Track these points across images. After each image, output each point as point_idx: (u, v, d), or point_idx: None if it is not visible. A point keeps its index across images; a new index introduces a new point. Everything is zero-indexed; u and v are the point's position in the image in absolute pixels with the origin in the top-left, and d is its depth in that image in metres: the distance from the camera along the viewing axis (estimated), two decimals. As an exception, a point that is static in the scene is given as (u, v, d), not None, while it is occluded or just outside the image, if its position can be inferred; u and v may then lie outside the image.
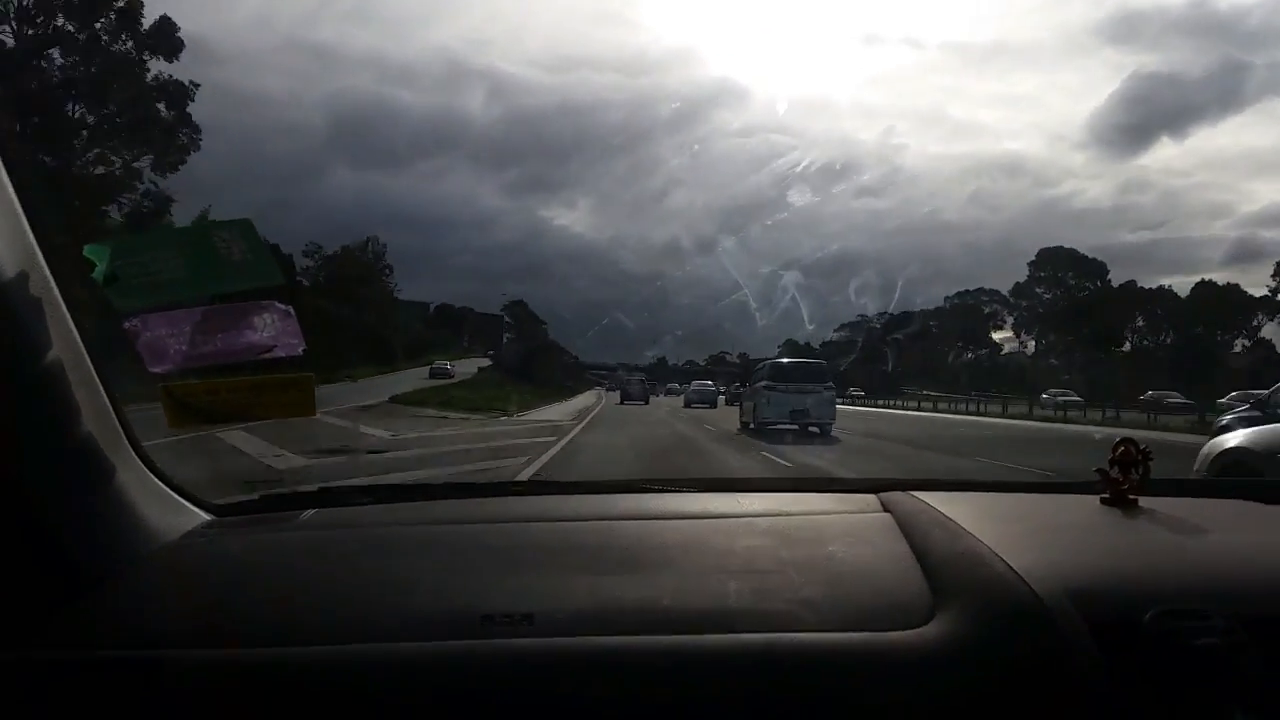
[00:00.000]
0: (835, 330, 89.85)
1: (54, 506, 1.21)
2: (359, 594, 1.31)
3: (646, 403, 42.56)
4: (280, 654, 1.17)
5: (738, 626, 1.19)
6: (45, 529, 1.21)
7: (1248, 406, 8.11)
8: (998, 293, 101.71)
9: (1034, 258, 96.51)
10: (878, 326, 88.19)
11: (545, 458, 14.53)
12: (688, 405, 36.84)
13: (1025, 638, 1.13)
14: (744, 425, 19.91)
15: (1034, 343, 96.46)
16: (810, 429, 18.25)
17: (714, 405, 35.71)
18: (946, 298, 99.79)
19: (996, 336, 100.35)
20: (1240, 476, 7.47)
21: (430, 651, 1.17)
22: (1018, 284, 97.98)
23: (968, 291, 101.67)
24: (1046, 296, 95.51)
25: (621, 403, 41.98)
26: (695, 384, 43.62)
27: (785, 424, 18.35)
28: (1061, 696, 1.08)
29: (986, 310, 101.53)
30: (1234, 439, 6.53)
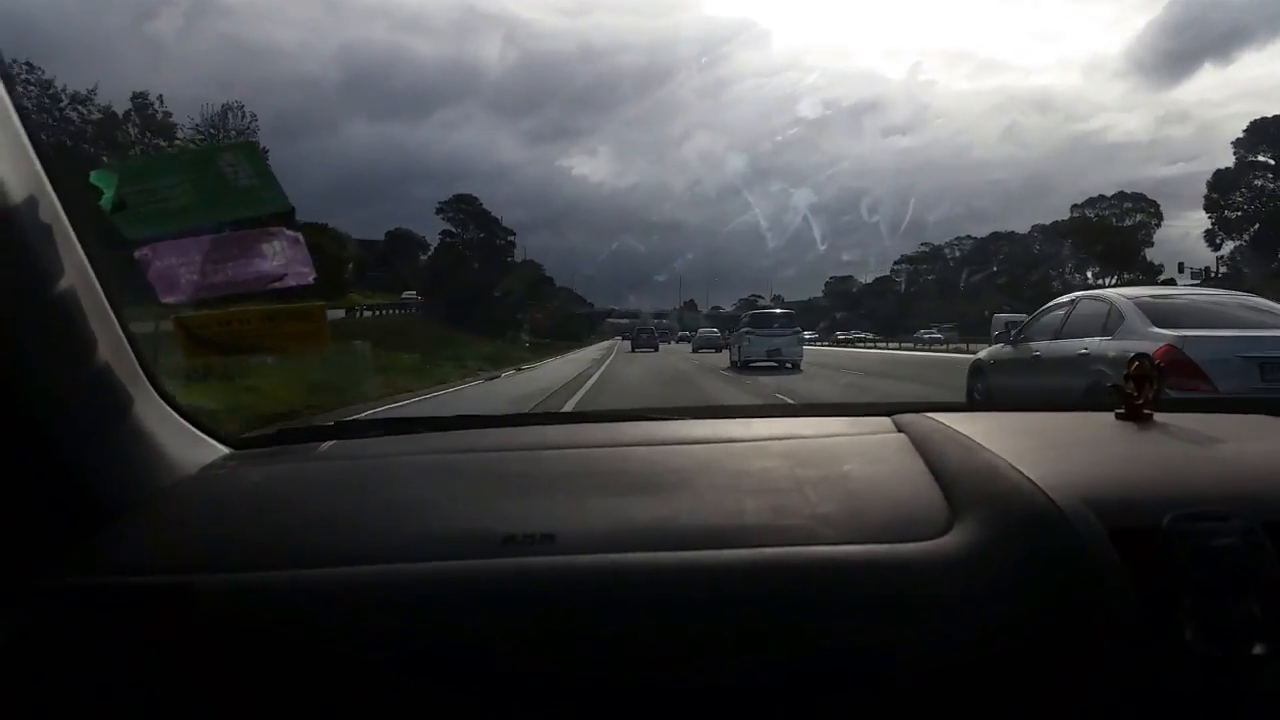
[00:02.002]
0: (895, 264, 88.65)
1: (72, 439, 1.22)
2: (380, 520, 1.32)
3: (656, 350, 43.82)
4: (305, 576, 1.19)
5: (755, 542, 1.20)
6: (63, 461, 1.21)
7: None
8: (1143, 198, 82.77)
9: (1243, 133, 70.68)
10: (955, 256, 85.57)
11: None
12: (695, 350, 40.08)
13: (1044, 542, 1.14)
14: (732, 363, 24.56)
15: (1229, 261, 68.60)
16: (785, 365, 22.70)
17: (719, 350, 37.77)
18: (1076, 206, 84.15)
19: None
20: (979, 378, 10.24)
21: (454, 570, 1.18)
22: (1218, 172, 72.68)
23: (1103, 198, 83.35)
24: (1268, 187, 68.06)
25: (633, 350, 43.15)
26: (702, 331, 47.32)
27: (763, 361, 22.91)
28: (1081, 598, 1.08)
29: (1129, 222, 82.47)
30: (981, 353, 10.69)
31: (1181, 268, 66.27)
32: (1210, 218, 73.82)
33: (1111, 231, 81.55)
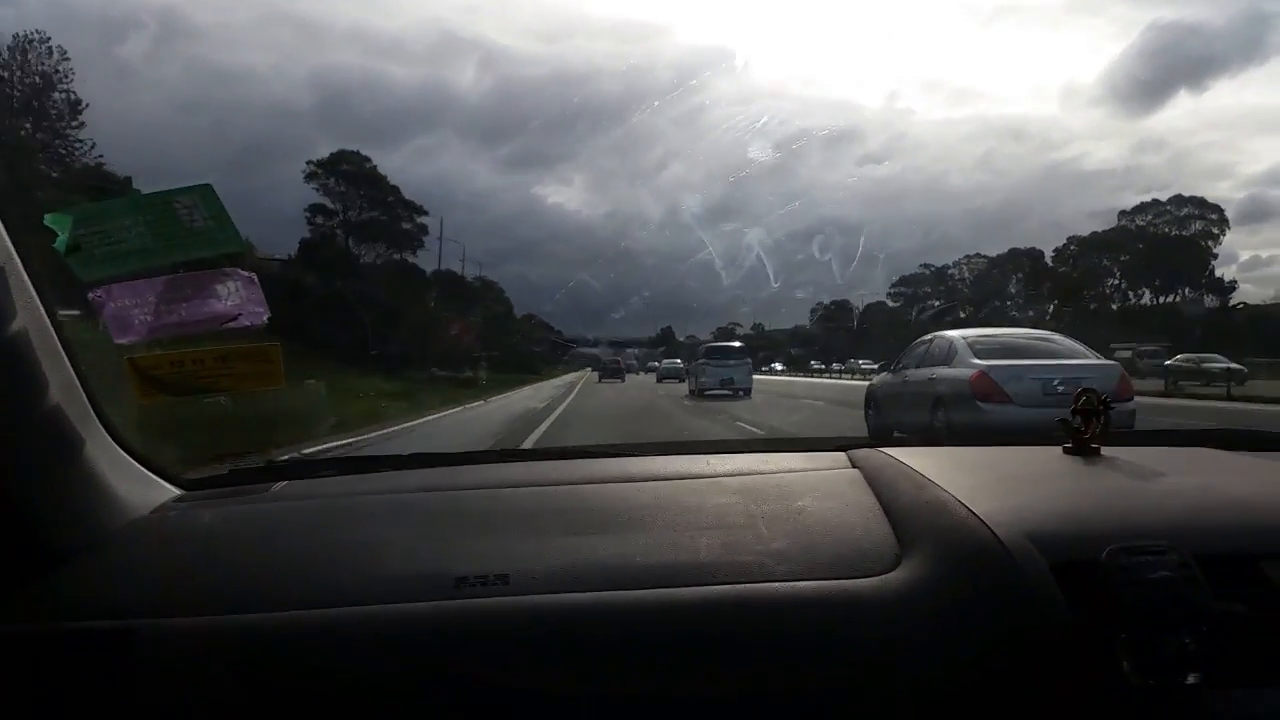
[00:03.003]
0: (892, 287, 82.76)
1: (21, 481, 1.20)
2: (331, 561, 1.31)
3: (623, 380, 43.81)
4: (255, 620, 1.18)
5: (710, 579, 1.21)
6: (12, 503, 1.20)
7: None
8: (1204, 202, 72.20)
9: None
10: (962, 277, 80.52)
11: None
12: (659, 380, 41.14)
13: (988, 578, 1.16)
14: (690, 391, 26.81)
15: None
16: (738, 392, 25.01)
17: (682, 380, 38.37)
18: (1124, 213, 74.82)
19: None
20: (871, 399, 12.20)
21: (404, 613, 1.18)
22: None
23: (1156, 202, 73.13)
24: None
25: (599, 381, 42.95)
26: (665, 362, 48.52)
27: (717, 389, 25.13)
28: (1023, 633, 1.11)
29: (1187, 232, 72.21)
30: (874, 380, 12.80)
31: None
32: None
33: (1168, 242, 72.39)
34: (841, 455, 1.74)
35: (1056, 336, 10.83)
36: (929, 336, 11.17)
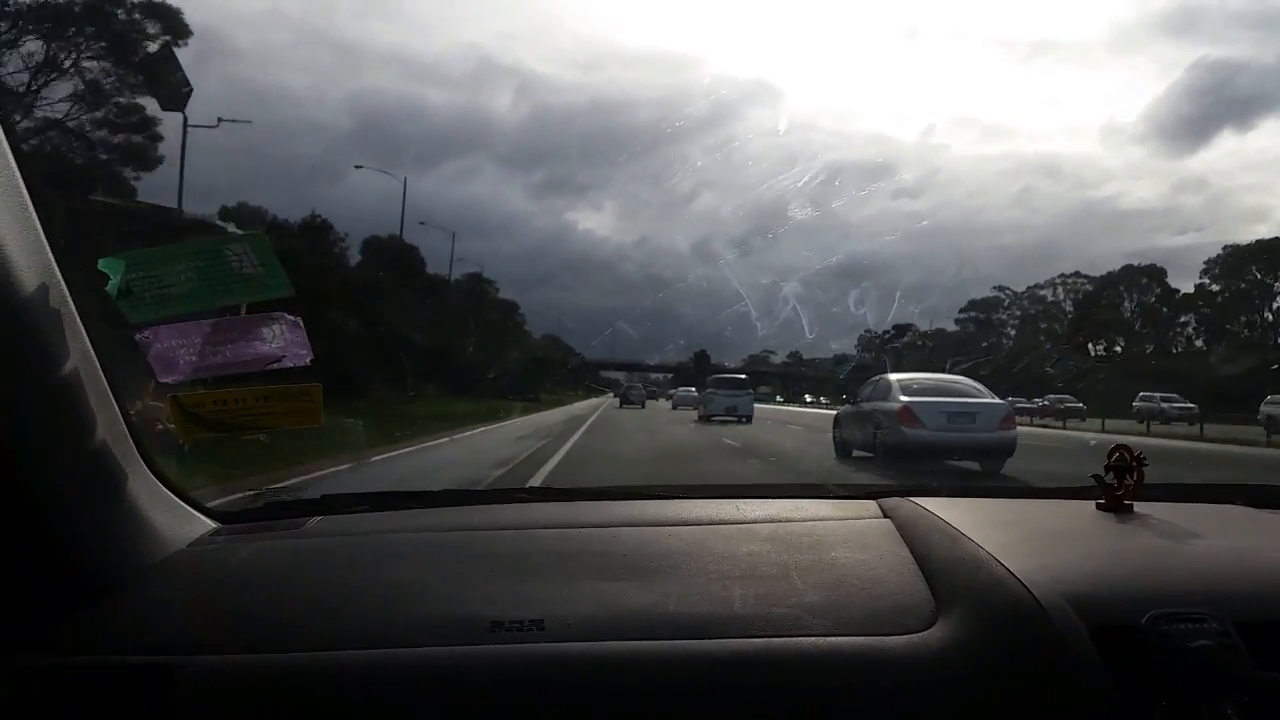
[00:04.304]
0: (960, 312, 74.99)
1: (67, 515, 1.23)
2: (367, 601, 1.32)
3: (643, 406, 43.91)
4: (291, 660, 1.19)
5: (744, 631, 1.22)
6: (58, 537, 1.22)
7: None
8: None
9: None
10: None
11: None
12: (674, 408, 42.37)
13: (1026, 640, 1.16)
14: (700, 417, 29.36)
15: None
16: (741, 418, 27.65)
17: (695, 407, 38.66)
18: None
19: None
20: (836, 424, 15.43)
21: (442, 657, 1.19)
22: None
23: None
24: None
25: (620, 407, 42.96)
26: (679, 391, 48.05)
27: (723, 415, 27.92)
28: (1062, 698, 1.10)
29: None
30: (839, 410, 16.31)
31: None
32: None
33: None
34: (872, 504, 1.74)
35: (964, 380, 13.85)
36: (876, 378, 14.39)
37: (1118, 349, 70.99)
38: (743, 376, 34.11)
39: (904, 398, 12.40)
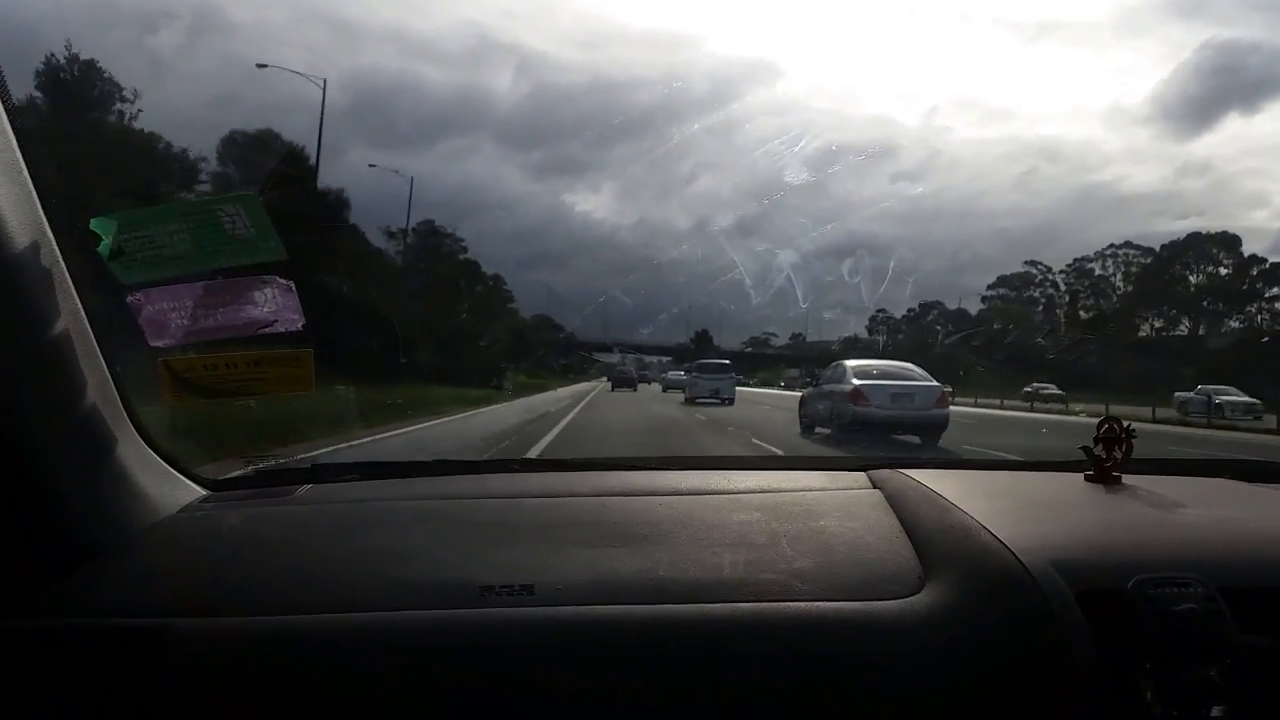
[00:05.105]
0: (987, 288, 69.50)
1: (57, 479, 1.22)
2: (357, 566, 1.33)
3: (635, 389, 43.99)
4: (279, 623, 1.19)
5: (733, 596, 1.22)
6: (48, 501, 1.22)
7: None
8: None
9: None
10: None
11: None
12: (665, 390, 42.83)
13: (1013, 605, 1.17)
14: (686, 399, 30.25)
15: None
16: (724, 400, 28.82)
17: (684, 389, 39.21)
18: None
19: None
20: (802, 403, 16.70)
21: (432, 620, 1.19)
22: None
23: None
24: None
25: (613, 390, 42.94)
26: (669, 374, 48.45)
27: (707, 397, 29.00)
28: (1048, 661, 1.11)
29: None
30: (804, 391, 17.45)
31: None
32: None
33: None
34: (862, 475, 1.75)
35: (910, 366, 15.64)
36: (835, 364, 16.34)
37: (1182, 329, 63.76)
38: (726, 362, 35.64)
39: (855, 380, 14.27)
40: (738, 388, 33.61)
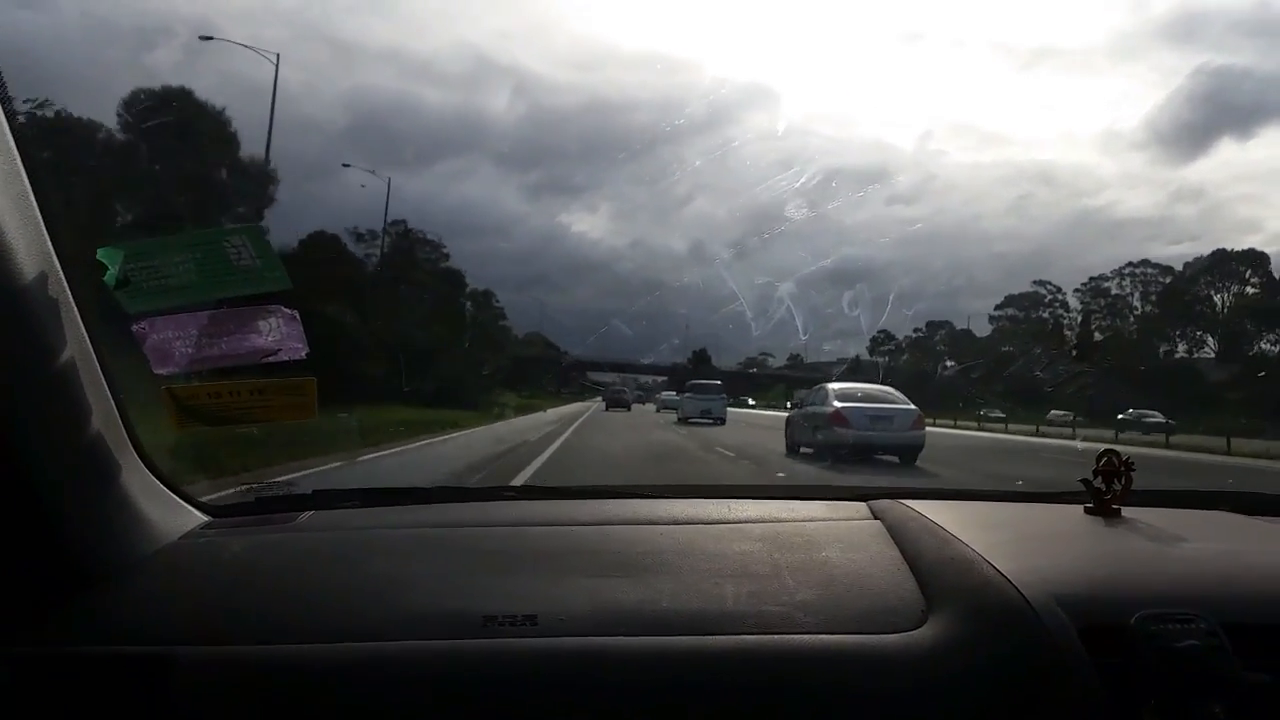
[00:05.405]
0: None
1: (61, 505, 1.23)
2: (359, 594, 1.32)
3: (629, 409, 44.10)
4: (282, 652, 1.19)
5: (735, 628, 1.22)
6: (52, 527, 1.22)
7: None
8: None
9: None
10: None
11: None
12: (659, 410, 43.74)
13: (1016, 640, 1.17)
14: (678, 419, 31.18)
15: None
16: (715, 420, 29.56)
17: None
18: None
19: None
20: (788, 424, 17.43)
21: (434, 650, 1.19)
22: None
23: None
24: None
25: (607, 409, 42.94)
26: (664, 394, 49.25)
27: (698, 417, 29.71)
28: (1052, 697, 1.11)
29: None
30: (790, 413, 18.27)
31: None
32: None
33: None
34: (863, 505, 1.75)
35: (889, 389, 16.52)
36: (818, 387, 17.15)
37: (1207, 350, 60.85)
38: (717, 383, 36.58)
39: (837, 403, 14.99)
40: (735, 409, 34.89)
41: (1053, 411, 35.39)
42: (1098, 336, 64.40)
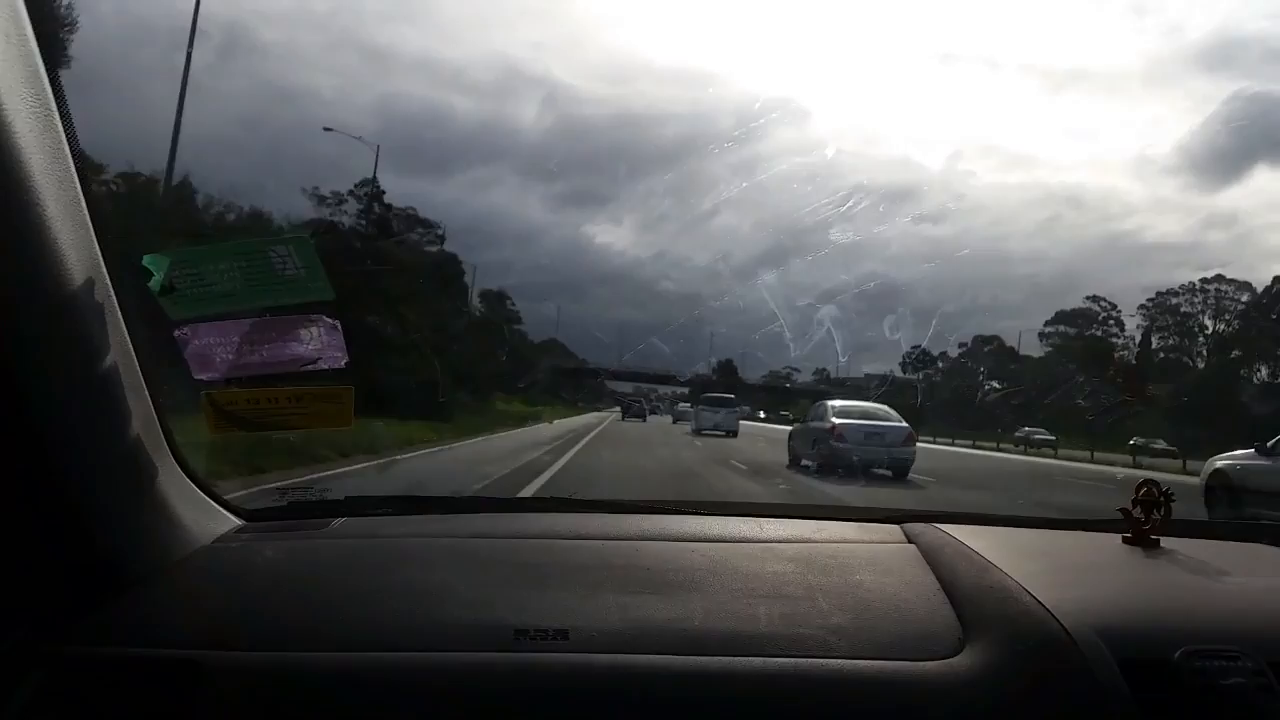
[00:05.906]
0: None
1: (98, 507, 1.23)
2: (391, 604, 1.32)
3: (644, 420, 44.20)
4: (312, 659, 1.19)
5: (769, 650, 1.21)
6: (89, 529, 1.23)
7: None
8: None
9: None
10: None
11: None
12: (675, 421, 44.02)
13: (1057, 672, 1.15)
14: (691, 430, 31.63)
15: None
16: (728, 433, 29.92)
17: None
18: None
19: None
20: (790, 438, 17.64)
21: (466, 663, 1.19)
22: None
23: None
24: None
25: (623, 419, 42.95)
26: (680, 406, 48.88)
27: (710, 429, 30.19)
28: None
29: None
30: (792, 427, 19.36)
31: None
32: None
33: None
34: (895, 528, 1.73)
35: (885, 408, 17.15)
36: (819, 403, 17.67)
37: None
38: (730, 396, 37.25)
39: (835, 419, 15.71)
40: (752, 422, 35.58)
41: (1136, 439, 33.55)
42: (1162, 355, 60.69)
